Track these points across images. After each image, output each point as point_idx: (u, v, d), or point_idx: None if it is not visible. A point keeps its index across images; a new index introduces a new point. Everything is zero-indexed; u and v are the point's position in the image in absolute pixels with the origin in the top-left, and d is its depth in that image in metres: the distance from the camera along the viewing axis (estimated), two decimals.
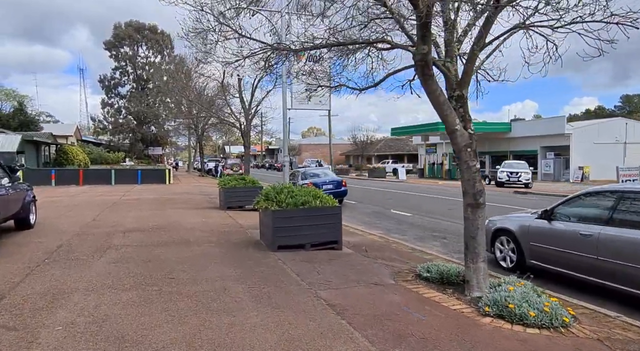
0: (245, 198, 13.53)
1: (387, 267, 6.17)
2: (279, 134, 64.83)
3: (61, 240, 7.87)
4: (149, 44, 59.15)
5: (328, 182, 16.61)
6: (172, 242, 7.89)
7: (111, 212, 12.45)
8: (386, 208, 15.55)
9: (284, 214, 7.14)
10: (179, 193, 19.78)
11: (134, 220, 10.74)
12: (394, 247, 8.01)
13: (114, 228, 9.39)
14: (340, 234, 7.43)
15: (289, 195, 7.43)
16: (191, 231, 9.12)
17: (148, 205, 14.55)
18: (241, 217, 11.77)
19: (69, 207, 13.69)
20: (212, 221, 10.77)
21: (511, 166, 28.12)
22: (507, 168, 27.94)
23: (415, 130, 42.41)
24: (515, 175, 26.49)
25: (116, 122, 58.26)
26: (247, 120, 18.82)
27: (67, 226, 9.56)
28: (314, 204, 7.30)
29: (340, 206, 7.47)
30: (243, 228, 9.78)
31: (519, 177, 26.22)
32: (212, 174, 45.22)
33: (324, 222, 7.33)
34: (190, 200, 16.51)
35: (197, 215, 11.98)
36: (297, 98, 11.17)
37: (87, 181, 26.30)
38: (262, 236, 8.10)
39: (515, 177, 26.51)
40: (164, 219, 10.97)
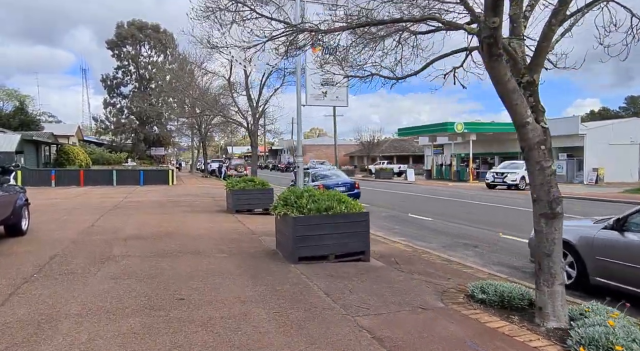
0: (255, 201, 12.71)
1: (429, 284, 5.33)
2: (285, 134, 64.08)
3: (55, 249, 7.05)
4: (152, 43, 58.45)
5: (340, 183, 15.78)
6: (179, 251, 7.07)
7: (112, 216, 11.64)
8: (402, 211, 14.70)
9: (305, 221, 6.31)
10: (183, 195, 18.97)
11: (136, 225, 9.92)
12: (425, 258, 7.17)
13: (115, 234, 8.58)
14: (368, 244, 6.60)
15: (310, 199, 6.60)
16: (199, 238, 8.30)
17: (151, 208, 13.74)
18: (251, 221, 10.95)
19: (67, 210, 12.89)
20: (220, 226, 9.95)
21: (504, 167, 26.95)
22: (495, 169, 27.16)
23: (423, 131, 41.55)
24: (500, 176, 25.45)
25: (118, 122, 57.54)
26: (254, 118, 18.01)
27: (63, 232, 8.75)
28: (339, 210, 6.47)
29: (368, 212, 6.65)
30: (255, 234, 8.95)
31: (504, 178, 25.11)
32: (215, 175, 44.46)
33: (350, 230, 6.49)
34: (195, 203, 15.70)
35: (204, 219, 11.16)
36: (312, 94, 10.32)
37: (88, 182, 25.54)
38: (278, 245, 7.28)
39: (500, 177, 25.46)
40: (168, 224, 10.16)
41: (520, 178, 24.75)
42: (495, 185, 25.33)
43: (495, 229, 10.75)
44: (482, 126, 38.08)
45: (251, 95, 18.03)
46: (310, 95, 10.50)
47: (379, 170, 39.69)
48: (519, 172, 24.85)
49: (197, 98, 19.39)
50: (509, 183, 24.71)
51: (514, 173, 25.02)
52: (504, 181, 25.06)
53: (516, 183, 24.61)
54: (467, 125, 35.86)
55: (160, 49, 58.36)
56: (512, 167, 26.47)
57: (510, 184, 24.71)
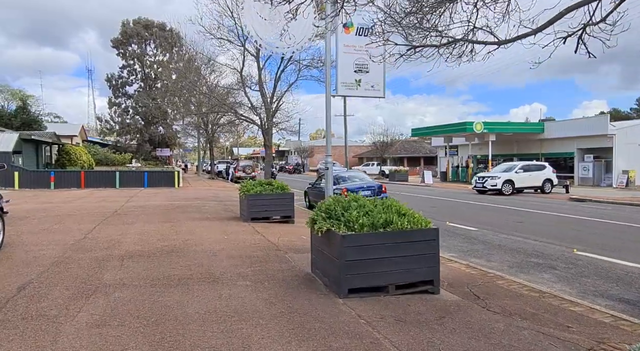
0: (273, 208, 11.15)
1: (552, 341, 3.72)
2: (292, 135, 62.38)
3: (29, 274, 5.52)
4: (158, 41, 57.18)
5: (366, 187, 14.21)
6: (189, 277, 5.51)
7: (110, 224, 10.12)
8: (437, 219, 13.06)
9: (357, 241, 4.74)
10: (190, 199, 17.46)
11: (136, 237, 8.38)
12: (502, 286, 5.56)
13: (109, 251, 7.04)
14: (437, 270, 5.00)
15: (361, 211, 5.03)
16: (213, 256, 6.74)
17: (155, 214, 12.22)
18: (271, 232, 9.39)
19: (59, 217, 11.38)
20: (237, 239, 8.39)
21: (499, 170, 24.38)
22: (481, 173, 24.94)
23: (438, 131, 39.86)
24: (481, 181, 23.16)
25: (123, 122, 56.28)
26: (268, 115, 16.48)
27: (47, 247, 7.22)
28: (400, 225, 4.89)
29: (438, 229, 5.06)
30: (280, 250, 7.38)
31: (484, 183, 22.71)
32: (222, 176, 43.02)
33: (415, 253, 4.91)
34: (204, 208, 14.17)
35: (216, 229, 9.61)
36: (344, 82, 8.75)
37: (89, 184, 24.13)
38: (315, 267, 5.71)
39: (480, 182, 23.13)
40: (175, 236, 8.62)
41: (503, 182, 22.36)
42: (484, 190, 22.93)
43: (560, 243, 9.12)
44: (502, 126, 36.35)
45: (264, 90, 16.50)
46: (342, 83, 8.95)
47: (394, 172, 38.06)
48: (501, 176, 22.57)
49: (206, 93, 17.86)
50: (489, 188, 22.41)
51: (495, 178, 22.62)
52: (483, 186, 22.75)
53: (498, 188, 22.22)
54: (487, 125, 34.17)
55: (166, 48, 57.10)
56: (502, 169, 24.14)
57: (491, 188, 22.46)
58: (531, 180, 22.98)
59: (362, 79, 9.08)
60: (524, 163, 23.96)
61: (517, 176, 22.59)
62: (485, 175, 23.69)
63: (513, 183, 22.35)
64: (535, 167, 23.53)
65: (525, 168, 23.12)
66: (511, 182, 22.34)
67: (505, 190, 22.20)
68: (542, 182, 23.07)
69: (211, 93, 17.76)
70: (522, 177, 22.68)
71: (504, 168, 23.94)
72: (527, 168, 23.21)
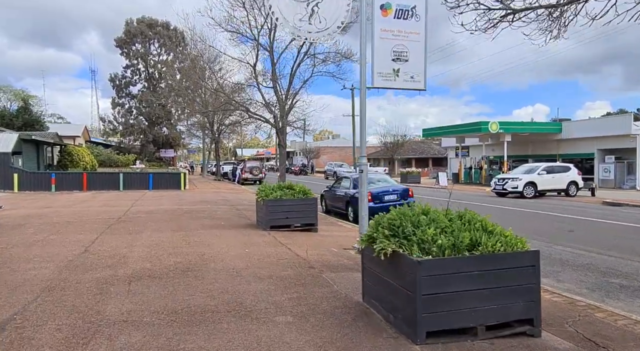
0: (294, 215, 10.03)
1: None
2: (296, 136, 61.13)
3: (13, 306, 4.41)
4: (162, 40, 56.23)
5: (391, 191, 13.09)
6: (214, 308, 4.40)
7: (114, 233, 9.03)
8: None
9: (437, 268, 3.62)
10: (199, 203, 16.37)
11: (145, 250, 7.28)
12: (607, 320, 4.42)
13: (114, 269, 5.94)
14: (538, 306, 3.86)
15: (437, 228, 3.90)
16: (238, 277, 5.63)
17: (164, 221, 11.13)
18: (296, 243, 8.28)
19: (58, 225, 10.29)
20: (260, 253, 7.28)
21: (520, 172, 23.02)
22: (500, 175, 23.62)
23: (451, 131, 38.70)
24: (501, 183, 21.88)
25: (127, 122, 55.33)
26: (282, 113, 15.37)
27: (40, 265, 6.13)
28: (491, 247, 3.77)
29: (538, 251, 3.93)
30: (313, 268, 6.27)
31: (504, 185, 21.49)
32: (227, 178, 41.97)
33: (511, 283, 3.78)
34: (216, 213, 13.07)
35: (233, 239, 8.50)
36: (381, 72, 7.63)
37: (92, 186, 23.09)
38: (368, 294, 4.60)
39: (500, 184, 21.90)
40: (188, 248, 7.51)
41: (525, 184, 21.03)
42: (503, 193, 21.73)
43: (632, 257, 7.96)
44: (518, 126, 35.15)
45: (278, 87, 15.41)
46: (378, 74, 7.81)
47: (406, 174, 36.86)
48: (523, 178, 21.27)
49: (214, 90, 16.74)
50: (510, 190, 21.24)
51: (516, 180, 21.31)
52: (504, 188, 21.58)
53: (519, 191, 20.96)
54: (502, 125, 32.98)
55: (171, 47, 56.15)
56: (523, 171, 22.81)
57: (512, 191, 21.25)
58: (555, 182, 21.76)
59: (400, 68, 7.94)
60: (547, 164, 22.74)
61: (539, 178, 21.37)
62: (506, 176, 22.48)
63: (535, 186, 21.13)
64: (560, 169, 22.32)
65: (548, 169, 21.89)
66: (534, 184, 21.12)
67: (527, 192, 21.00)
68: (567, 185, 21.85)
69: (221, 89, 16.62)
70: (545, 179, 21.46)
71: (525, 170, 22.72)
72: (551, 169, 21.99)
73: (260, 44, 15.27)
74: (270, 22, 15.35)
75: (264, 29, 15.29)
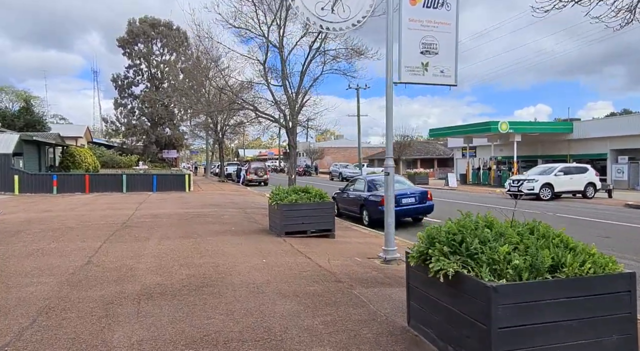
0: (311, 220, 9.41)
1: None
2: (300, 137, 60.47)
3: (4, 335, 3.78)
4: (164, 40, 55.71)
5: (409, 194, 12.43)
6: (238, 336, 3.76)
7: (119, 241, 8.41)
8: None
9: (517, 295, 2.98)
10: (206, 206, 15.75)
11: (153, 261, 6.66)
12: None
13: (120, 285, 5.31)
14: (635, 343, 3.21)
15: (507, 243, 3.26)
16: (260, 295, 5.00)
17: (171, 226, 10.51)
18: (315, 252, 7.66)
19: (59, 231, 9.67)
20: (278, 262, 6.65)
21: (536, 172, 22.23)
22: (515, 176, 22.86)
23: (459, 131, 38.02)
24: (516, 184, 21.09)
25: (129, 123, 54.80)
26: (293, 112, 14.75)
27: (38, 280, 5.50)
28: (577, 268, 3.13)
29: (634, 273, 3.29)
30: (341, 282, 5.64)
31: (520, 186, 20.70)
32: (231, 179, 41.37)
33: (600, 313, 3.13)
34: (224, 217, 12.45)
35: (247, 247, 7.87)
36: (408, 66, 7.01)
37: (94, 188, 22.50)
38: (416, 319, 3.96)
39: (515, 185, 21.11)
40: (201, 258, 6.89)
41: (542, 185, 20.26)
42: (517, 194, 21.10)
43: None
44: (528, 125, 34.48)
45: (287, 84, 14.80)
46: (405, 68, 7.18)
47: (414, 175, 36.19)
48: (539, 179, 20.51)
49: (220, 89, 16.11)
50: (525, 192, 20.55)
51: (532, 181, 20.53)
52: (519, 189, 20.88)
53: (535, 192, 20.19)
54: (512, 125, 32.30)
55: (173, 47, 55.62)
56: (538, 172, 22.06)
57: (527, 193, 20.46)
58: (572, 183, 21.07)
59: (429, 61, 7.31)
60: (563, 165, 22.04)
61: (556, 179, 20.67)
62: (521, 177, 21.78)
63: (552, 187, 20.44)
64: (577, 170, 21.61)
65: (565, 170, 21.20)
66: (550, 186, 20.42)
67: (543, 194, 20.30)
68: (585, 186, 21.16)
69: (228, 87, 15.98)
70: (562, 180, 20.77)
71: (541, 171, 22.04)
72: (568, 170, 21.29)
73: (269, 41, 14.65)
74: (280, 18, 14.77)
75: (273, 25, 14.68)
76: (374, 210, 12.38)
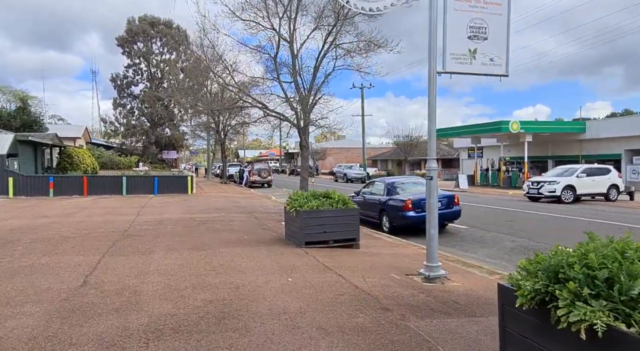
0: (334, 229, 8.43)
1: None
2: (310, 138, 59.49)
3: None
4: (164, 39, 54.72)
5: None
6: None
7: (120, 253, 7.42)
8: (534, 240, 10.33)
9: None
10: (211, 210, 14.77)
11: (161, 280, 5.68)
12: None
13: (123, 317, 4.33)
14: None
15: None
16: (296, 331, 4.02)
17: (177, 235, 9.52)
18: (345, 267, 6.69)
19: (53, 241, 8.68)
20: (306, 282, 5.68)
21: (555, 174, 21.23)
22: (534, 178, 21.91)
23: (468, 131, 37.06)
24: (536, 186, 20.14)
25: (128, 123, 53.77)
26: (305, 110, 13.79)
27: (23, 309, 4.51)
28: None
29: None
30: (389, 310, 4.67)
31: (540, 189, 19.82)
32: (233, 180, 40.37)
33: None
34: (233, 223, 11.48)
35: (267, 261, 6.89)
36: (453, 53, 6.08)
37: (93, 190, 21.50)
38: None
39: (535, 188, 20.17)
40: (215, 276, 5.91)
41: (563, 188, 19.32)
42: (538, 197, 20.15)
43: None
44: (539, 125, 33.55)
45: (301, 79, 13.83)
46: (451, 55, 6.22)
47: (423, 176, 35.08)
48: (561, 181, 19.54)
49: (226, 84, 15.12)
50: (546, 195, 19.59)
51: (553, 183, 19.57)
52: (539, 192, 19.90)
53: (556, 195, 19.25)
54: (524, 125, 31.38)
55: (173, 46, 54.63)
56: (558, 173, 21.11)
57: (548, 195, 19.53)
58: (595, 185, 20.11)
59: (477, 48, 6.36)
60: (585, 166, 21.08)
61: (579, 181, 19.71)
62: (541, 179, 20.80)
63: (574, 190, 19.48)
64: (599, 171, 20.65)
65: (588, 172, 20.24)
66: (572, 188, 19.46)
67: (565, 197, 19.35)
68: (608, 188, 20.21)
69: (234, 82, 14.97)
70: (585, 182, 19.81)
71: (560, 172, 21.08)
72: (590, 171, 20.34)
73: (280, 35, 13.68)
74: (290, 10, 13.81)
75: (284, 18, 13.71)
76: (396, 215, 11.42)
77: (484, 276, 6.66)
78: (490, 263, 8.07)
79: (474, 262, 7.98)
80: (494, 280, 6.42)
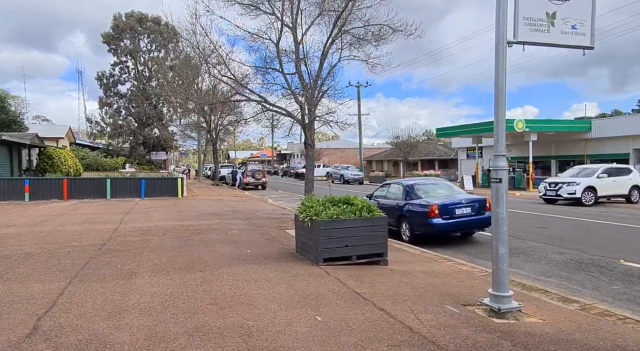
0: (358, 242, 6.93)
1: None
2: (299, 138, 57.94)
3: None
4: (152, 36, 52.74)
5: (465, 203, 9.99)
6: None
7: (92, 278, 5.83)
8: (586, 251, 8.92)
9: None
10: (205, 216, 13.16)
11: (143, 324, 4.12)
12: None
13: None
14: None
15: None
16: None
17: (166, 249, 7.93)
18: (380, 292, 5.21)
19: (11, 260, 7.03)
20: (341, 322, 4.17)
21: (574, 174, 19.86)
22: (551, 179, 20.63)
23: (468, 131, 35.85)
24: (554, 188, 18.85)
25: (115, 123, 51.62)
26: (310, 104, 12.29)
27: None
28: None
29: None
30: None
31: (558, 190, 18.56)
32: (225, 182, 38.68)
33: None
34: (232, 232, 9.91)
35: (280, 287, 5.35)
36: (528, 19, 4.61)
37: (74, 194, 19.74)
38: None
39: (553, 189, 18.87)
40: (218, 315, 4.36)
41: (584, 189, 18.11)
42: (554, 199, 18.90)
43: None
44: (545, 124, 32.35)
45: (307, 68, 12.34)
46: (525, 20, 4.79)
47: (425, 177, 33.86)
48: (581, 182, 18.32)
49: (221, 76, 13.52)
50: (565, 197, 18.32)
51: (572, 184, 18.31)
52: (557, 194, 18.64)
53: (576, 197, 18.06)
54: (529, 123, 30.21)
55: (162, 43, 52.70)
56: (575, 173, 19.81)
57: (567, 197, 18.30)
58: (617, 187, 18.85)
59: (557, 12, 4.93)
60: (606, 166, 19.79)
61: (599, 182, 18.41)
62: (558, 180, 19.47)
63: (595, 191, 18.19)
64: (620, 171, 19.38)
65: (608, 172, 18.97)
66: (593, 190, 18.15)
67: (585, 199, 18.03)
68: (630, 190, 18.97)
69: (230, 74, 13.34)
70: (606, 183, 18.52)
71: (578, 172, 19.77)
72: (611, 172, 19.07)
73: (282, 20, 12.15)
74: None
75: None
76: (420, 222, 9.94)
77: (562, 307, 5.20)
78: (550, 283, 6.63)
79: (530, 281, 6.53)
80: (578, 311, 4.99)
